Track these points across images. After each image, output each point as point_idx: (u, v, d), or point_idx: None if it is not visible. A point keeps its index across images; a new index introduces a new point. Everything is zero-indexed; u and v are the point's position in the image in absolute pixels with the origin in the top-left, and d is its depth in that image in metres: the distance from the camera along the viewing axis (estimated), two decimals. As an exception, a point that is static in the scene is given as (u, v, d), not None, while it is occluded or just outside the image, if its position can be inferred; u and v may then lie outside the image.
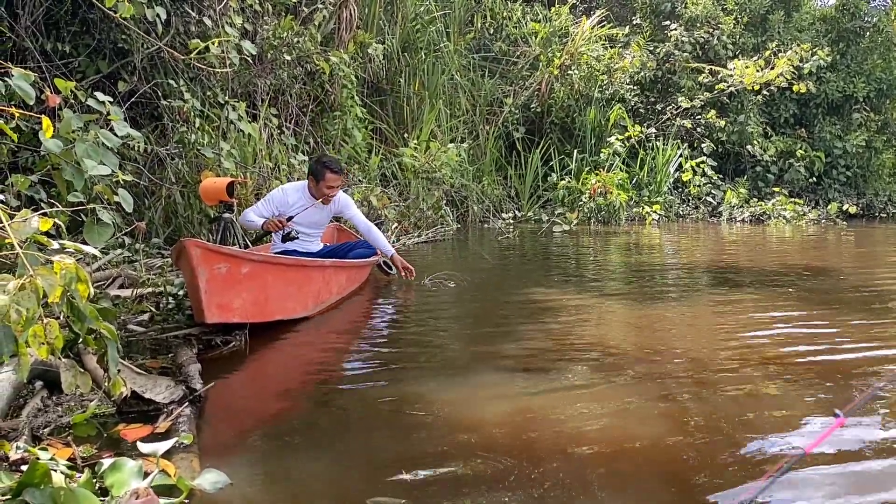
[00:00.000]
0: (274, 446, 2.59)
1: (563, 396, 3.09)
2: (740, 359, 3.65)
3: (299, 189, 5.36)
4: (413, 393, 3.15)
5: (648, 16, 16.35)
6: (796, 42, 14.87)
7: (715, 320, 4.62)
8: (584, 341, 4.06)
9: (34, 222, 2.03)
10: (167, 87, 6.52)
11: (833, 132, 15.49)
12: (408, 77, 12.07)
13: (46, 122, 2.43)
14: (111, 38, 6.40)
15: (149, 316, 4.26)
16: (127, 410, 2.76)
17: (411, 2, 12.40)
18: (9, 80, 3.20)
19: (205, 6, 6.75)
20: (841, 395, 3.07)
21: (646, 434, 2.66)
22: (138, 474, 1.99)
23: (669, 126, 14.85)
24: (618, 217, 12.58)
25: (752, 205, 13.87)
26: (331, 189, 5.28)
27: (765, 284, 6.04)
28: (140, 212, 6.22)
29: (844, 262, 7.92)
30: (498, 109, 14.03)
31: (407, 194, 10.36)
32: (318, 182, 5.24)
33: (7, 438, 2.31)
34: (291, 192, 5.32)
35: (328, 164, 5.28)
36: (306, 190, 5.33)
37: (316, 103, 9.38)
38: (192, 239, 3.58)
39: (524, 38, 14.86)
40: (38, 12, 6.15)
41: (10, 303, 1.81)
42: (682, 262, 7.64)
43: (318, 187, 5.26)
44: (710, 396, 3.07)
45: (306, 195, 5.31)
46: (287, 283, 4.30)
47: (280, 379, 3.58)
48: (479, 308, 5.29)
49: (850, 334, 4.21)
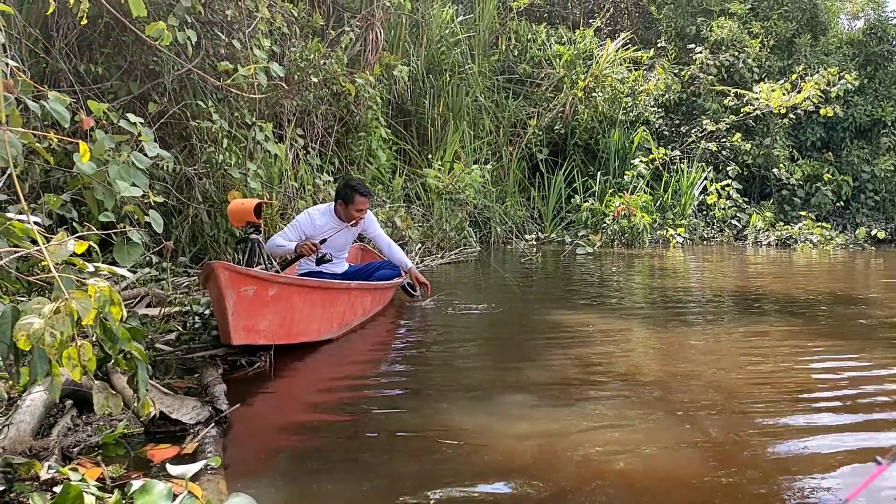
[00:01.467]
0: (298, 469, 2.60)
1: (588, 424, 3.06)
2: (770, 390, 3.58)
3: (325, 213, 5.39)
4: (436, 416, 3.14)
5: (673, 38, 16.35)
6: (823, 66, 14.79)
7: (742, 349, 4.55)
8: (608, 367, 4.03)
9: (70, 245, 2.07)
10: (196, 108, 6.61)
11: (861, 156, 15.32)
12: (432, 98, 12.16)
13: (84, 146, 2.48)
14: (143, 59, 6.51)
15: (175, 335, 4.30)
16: (154, 430, 2.78)
17: (436, 24, 12.52)
18: (45, 102, 3.27)
19: (234, 29, 6.86)
20: (877, 434, 2.97)
21: (673, 466, 2.62)
22: (167, 497, 1.99)
23: (694, 149, 14.79)
24: (641, 240, 12.51)
25: (778, 228, 13.73)
26: (360, 212, 5.32)
27: (793, 312, 5.96)
28: (167, 230, 6.29)
29: (874, 289, 7.79)
30: (522, 131, 14.07)
31: (430, 215, 10.39)
32: (348, 205, 5.27)
33: (38, 457, 2.34)
34: (318, 216, 5.35)
35: (357, 187, 5.32)
36: (332, 213, 5.37)
37: (341, 124, 9.46)
38: (220, 261, 3.61)
39: (548, 61, 14.92)
40: (72, 35, 6.28)
41: (45, 326, 1.84)
42: (707, 287, 7.57)
43: (347, 210, 5.29)
44: (739, 429, 3.00)
45: (333, 218, 5.34)
46: (313, 305, 4.32)
47: (304, 400, 3.59)
48: (502, 331, 5.27)
49: (884, 367, 4.10)
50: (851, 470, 2.57)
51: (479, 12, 13.76)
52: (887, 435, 2.96)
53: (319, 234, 5.19)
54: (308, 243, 5.01)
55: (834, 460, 2.68)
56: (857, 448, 2.80)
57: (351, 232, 5.49)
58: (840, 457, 2.71)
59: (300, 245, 5.02)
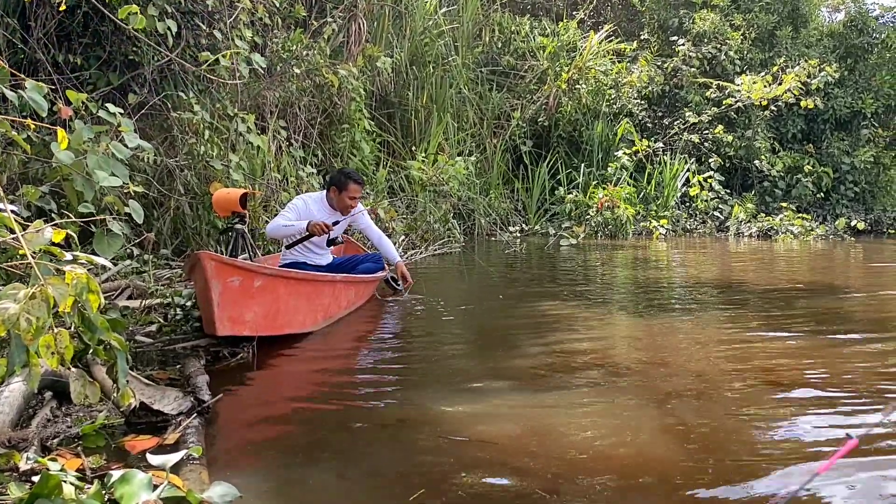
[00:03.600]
0: (282, 459, 2.59)
1: (571, 413, 3.08)
2: (748, 377, 3.62)
3: (318, 200, 5.39)
4: (420, 407, 3.14)
5: (656, 31, 16.39)
6: (804, 58, 14.88)
7: (722, 337, 4.58)
8: (591, 357, 4.04)
9: (47, 233, 2.04)
10: (177, 99, 6.55)
11: (841, 148, 15.46)
12: (416, 90, 12.12)
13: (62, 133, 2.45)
14: (122, 50, 6.45)
15: (157, 327, 4.27)
16: (136, 421, 2.76)
17: (420, 16, 12.48)
18: (22, 92, 3.22)
19: (215, 19, 6.80)
20: (852, 416, 3.03)
21: (654, 452, 2.64)
22: (148, 486, 1.98)
23: (677, 141, 14.85)
24: (625, 231, 12.55)
25: (759, 220, 13.82)
26: (353, 199, 5.33)
27: (772, 301, 6.01)
28: (149, 223, 6.23)
29: (853, 278, 7.88)
30: (505, 123, 14.06)
31: (414, 207, 10.37)
32: (341, 192, 5.28)
33: (17, 449, 2.31)
34: (312, 203, 5.34)
35: (351, 174, 5.35)
36: (324, 201, 5.36)
37: (324, 116, 9.41)
38: (206, 252, 3.59)
39: (532, 53, 14.92)
40: (51, 24, 6.20)
41: (20, 311, 1.82)
42: (689, 278, 7.61)
43: (340, 197, 5.29)
44: (718, 415, 3.04)
45: (325, 207, 5.34)
46: (298, 297, 4.30)
47: (287, 391, 3.58)
48: (486, 323, 5.28)
49: (859, 354, 4.17)
50: (824, 452, 2.61)
51: (462, 4, 13.70)
52: (862, 418, 3.02)
53: (314, 215, 5.17)
54: (321, 223, 4.94)
55: (808, 438, 2.76)
56: (832, 428, 2.87)
57: (343, 222, 5.48)
58: (814, 435, 2.79)
59: (312, 224, 4.95)
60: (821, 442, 2.74)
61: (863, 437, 1.66)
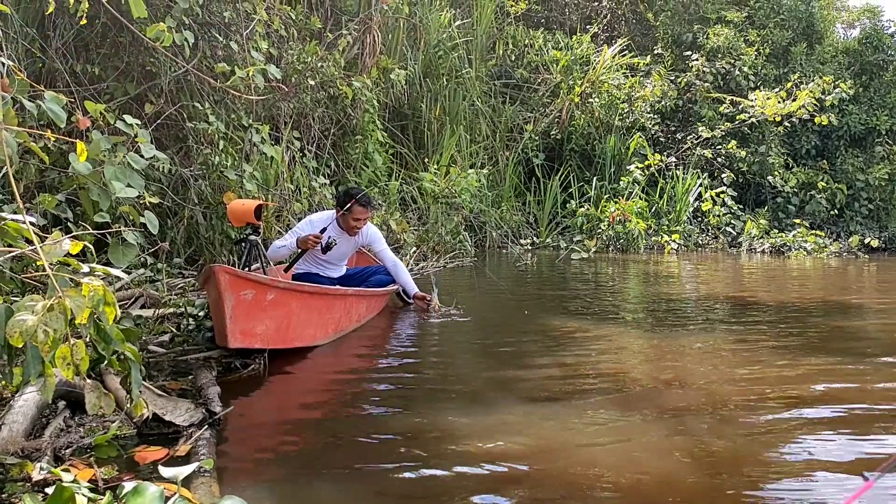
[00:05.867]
0: (292, 472, 2.59)
1: (581, 429, 3.06)
2: (762, 397, 3.58)
3: (326, 219, 5.33)
4: (430, 422, 3.13)
5: (670, 45, 16.39)
6: (818, 74, 14.85)
7: (735, 355, 4.55)
8: (602, 373, 4.03)
9: (65, 245, 2.06)
10: (192, 110, 6.60)
11: (855, 164, 15.39)
12: (429, 102, 12.17)
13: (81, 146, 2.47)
14: (140, 60, 6.50)
15: (169, 337, 4.29)
16: (147, 432, 2.77)
17: (434, 28, 12.54)
18: (41, 102, 3.26)
19: (231, 31, 6.85)
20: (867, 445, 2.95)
21: (665, 471, 2.62)
22: (159, 499, 1.98)
23: (690, 155, 14.83)
24: (636, 245, 12.52)
25: (772, 236, 13.76)
26: (357, 221, 5.29)
27: (786, 319, 5.97)
28: (162, 232, 6.26)
29: (868, 297, 7.82)
30: (518, 136, 14.09)
31: (426, 219, 10.38)
32: (346, 214, 5.24)
33: (30, 458, 2.33)
34: (319, 223, 5.29)
35: (356, 196, 5.26)
36: (334, 220, 5.33)
37: (338, 127, 9.46)
38: (220, 264, 3.60)
39: (545, 66, 14.95)
40: (69, 34, 6.26)
41: (37, 323, 1.83)
42: (701, 294, 7.58)
43: (345, 219, 5.27)
44: (729, 435, 3.01)
45: (334, 225, 5.30)
46: (310, 310, 4.31)
47: (298, 404, 3.58)
48: (496, 337, 5.27)
49: (876, 378, 4.08)
50: (839, 482, 2.56)
51: (476, 17, 13.78)
52: (876, 444, 2.95)
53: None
54: (310, 236, 4.96)
55: (823, 470, 2.68)
56: (845, 459, 2.79)
57: (351, 242, 5.46)
58: (829, 467, 2.71)
59: (301, 240, 4.98)
60: (835, 464, 2.70)
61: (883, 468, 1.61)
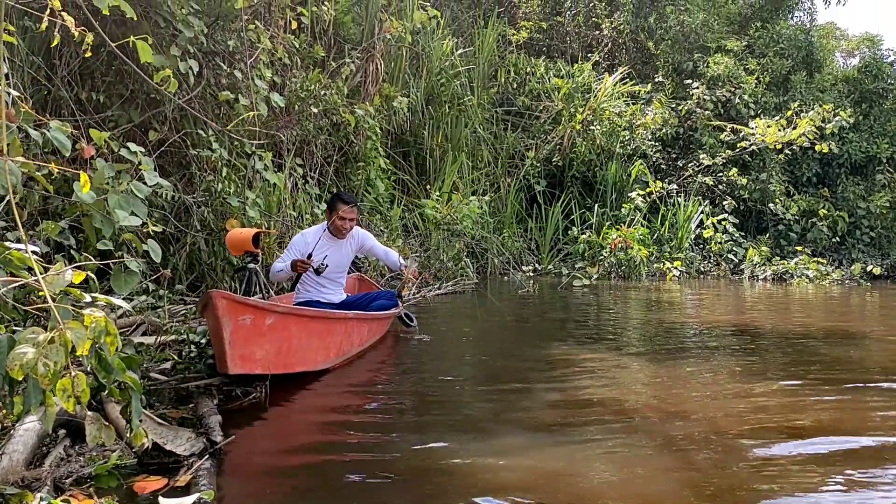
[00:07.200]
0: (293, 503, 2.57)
1: (583, 458, 3.04)
2: (763, 426, 3.56)
3: (318, 230, 5.46)
4: (432, 451, 3.11)
5: (670, 74, 16.52)
6: (818, 102, 14.94)
7: (737, 384, 4.52)
8: (604, 402, 4.01)
9: (68, 275, 2.06)
10: (196, 137, 6.64)
11: (856, 192, 15.44)
12: (431, 129, 12.25)
13: (84, 178, 2.49)
14: (144, 88, 6.55)
15: (171, 364, 4.27)
16: (148, 462, 2.76)
17: (436, 56, 12.65)
18: (46, 131, 3.28)
19: (236, 59, 6.92)
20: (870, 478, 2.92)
21: (666, 501, 2.60)
22: (158, 531, 1.97)
23: (691, 182, 14.88)
24: (638, 272, 12.52)
25: (774, 263, 13.76)
26: (343, 220, 5.35)
27: (788, 347, 5.95)
28: (165, 258, 6.27)
29: (871, 325, 7.78)
30: (520, 162, 14.16)
31: (428, 245, 10.40)
32: (332, 214, 5.34)
33: (30, 488, 2.31)
34: (310, 233, 5.44)
35: (341, 195, 5.48)
36: (325, 230, 5.40)
37: (340, 154, 9.51)
38: (218, 290, 3.60)
39: (547, 94, 15.07)
40: (75, 63, 6.33)
41: (37, 356, 1.83)
42: (703, 322, 7.56)
43: (333, 219, 5.34)
44: (732, 466, 2.99)
45: (327, 235, 5.38)
46: (310, 334, 4.31)
47: (299, 433, 3.56)
48: (499, 364, 5.25)
49: (877, 404, 4.08)
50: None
51: (478, 45, 13.92)
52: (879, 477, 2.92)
53: (311, 248, 5.19)
54: (299, 260, 5.03)
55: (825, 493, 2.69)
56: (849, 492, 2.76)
57: (344, 248, 5.50)
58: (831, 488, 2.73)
59: (292, 264, 5.04)
60: (837, 496, 2.68)
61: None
